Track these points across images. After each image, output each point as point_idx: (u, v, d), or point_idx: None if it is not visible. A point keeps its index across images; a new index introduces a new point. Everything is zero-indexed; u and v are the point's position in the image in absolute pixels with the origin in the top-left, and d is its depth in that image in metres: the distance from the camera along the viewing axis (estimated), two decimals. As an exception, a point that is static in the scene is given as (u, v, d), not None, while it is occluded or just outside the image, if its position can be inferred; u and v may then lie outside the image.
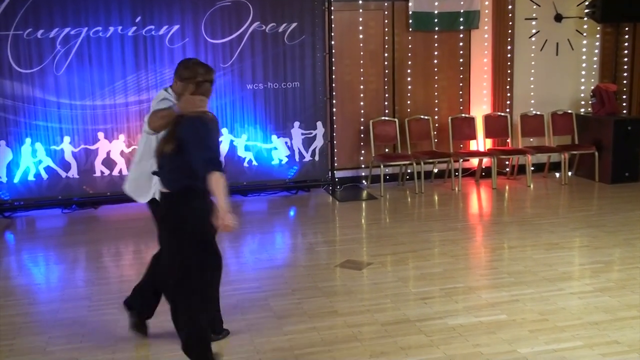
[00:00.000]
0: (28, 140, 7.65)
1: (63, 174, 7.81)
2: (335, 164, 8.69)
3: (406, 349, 4.13)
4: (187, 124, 3.57)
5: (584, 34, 9.39)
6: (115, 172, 7.93)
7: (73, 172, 7.83)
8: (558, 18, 9.24)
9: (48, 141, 7.71)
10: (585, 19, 9.23)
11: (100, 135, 7.84)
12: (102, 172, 7.92)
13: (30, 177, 7.73)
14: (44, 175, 7.76)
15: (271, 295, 5.06)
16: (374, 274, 5.52)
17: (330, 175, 8.65)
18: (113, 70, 7.75)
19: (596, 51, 9.50)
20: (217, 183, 3.41)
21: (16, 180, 7.69)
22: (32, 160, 7.70)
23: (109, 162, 7.92)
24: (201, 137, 3.51)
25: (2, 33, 7.39)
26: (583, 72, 9.51)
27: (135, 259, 6.19)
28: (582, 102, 9.54)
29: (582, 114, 9.36)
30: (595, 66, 9.53)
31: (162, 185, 3.69)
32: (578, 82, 9.53)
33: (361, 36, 8.74)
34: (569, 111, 9.32)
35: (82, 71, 7.67)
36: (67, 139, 7.75)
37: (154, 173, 3.76)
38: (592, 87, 9.24)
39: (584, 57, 9.47)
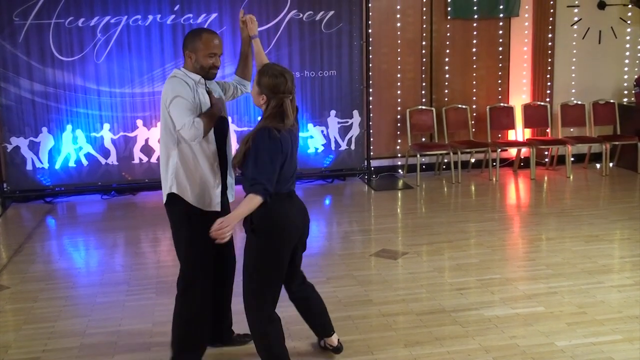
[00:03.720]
0: (69, 127, 7.79)
1: (102, 161, 7.94)
2: (371, 153, 8.66)
3: (441, 339, 4.11)
4: (255, 133, 3.37)
5: (628, 22, 9.16)
6: (154, 159, 8.03)
7: (112, 159, 7.96)
8: (601, 5, 9.02)
9: (88, 128, 7.84)
10: (630, 6, 9.00)
11: (139, 122, 7.94)
12: (140, 159, 8.03)
13: (71, 164, 7.87)
14: (84, 162, 7.90)
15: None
16: (409, 263, 5.50)
17: (366, 164, 8.63)
18: (152, 58, 7.83)
19: (640, 39, 9.30)
20: (248, 201, 3.28)
21: (57, 166, 7.84)
22: (72, 147, 7.84)
23: (147, 149, 8.02)
24: (257, 152, 3.31)
25: (45, 22, 7.52)
26: (626, 61, 9.28)
27: (172, 245, 6.25)
28: (625, 92, 9.32)
29: (624, 103, 9.16)
30: (639, 55, 9.30)
31: None
32: (621, 71, 9.32)
33: (399, 24, 8.67)
34: (611, 101, 9.13)
35: (122, 59, 7.77)
36: (106, 126, 7.87)
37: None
38: (636, 77, 9.03)
39: (627, 46, 9.24)
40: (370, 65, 8.46)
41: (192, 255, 3.71)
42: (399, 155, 8.98)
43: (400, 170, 8.97)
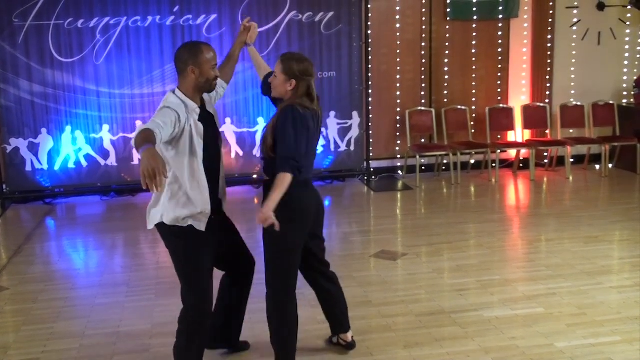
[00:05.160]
0: (68, 128, 7.78)
1: (102, 162, 7.94)
2: (371, 154, 8.66)
3: (440, 340, 4.11)
4: (280, 111, 3.41)
5: (627, 23, 9.16)
6: (153, 160, 8.01)
7: (112, 160, 7.95)
8: (600, 7, 9.03)
9: (88, 129, 7.84)
10: (629, 7, 9.01)
11: (139, 123, 7.93)
12: (139, 160, 8.01)
13: (70, 165, 7.87)
14: (84, 163, 7.90)
15: (305, 284, 5.05)
16: (408, 264, 5.50)
17: (365, 165, 8.63)
18: (151, 59, 7.83)
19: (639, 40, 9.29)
20: (279, 182, 3.29)
21: (57, 167, 7.84)
22: (72, 148, 7.84)
23: (146, 151, 8.00)
24: (284, 128, 3.34)
25: (44, 23, 7.52)
26: (626, 62, 9.29)
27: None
28: (624, 93, 9.33)
29: (624, 104, 9.16)
30: (638, 56, 9.30)
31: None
32: (620, 73, 9.32)
33: (398, 25, 8.67)
34: (611, 102, 9.13)
35: (121, 60, 7.77)
36: (106, 127, 7.87)
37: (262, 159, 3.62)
38: (635, 78, 9.04)
39: (626, 47, 9.24)
40: (370, 66, 8.46)
41: (191, 275, 3.58)
42: (399, 156, 8.98)
43: (399, 171, 8.97)
